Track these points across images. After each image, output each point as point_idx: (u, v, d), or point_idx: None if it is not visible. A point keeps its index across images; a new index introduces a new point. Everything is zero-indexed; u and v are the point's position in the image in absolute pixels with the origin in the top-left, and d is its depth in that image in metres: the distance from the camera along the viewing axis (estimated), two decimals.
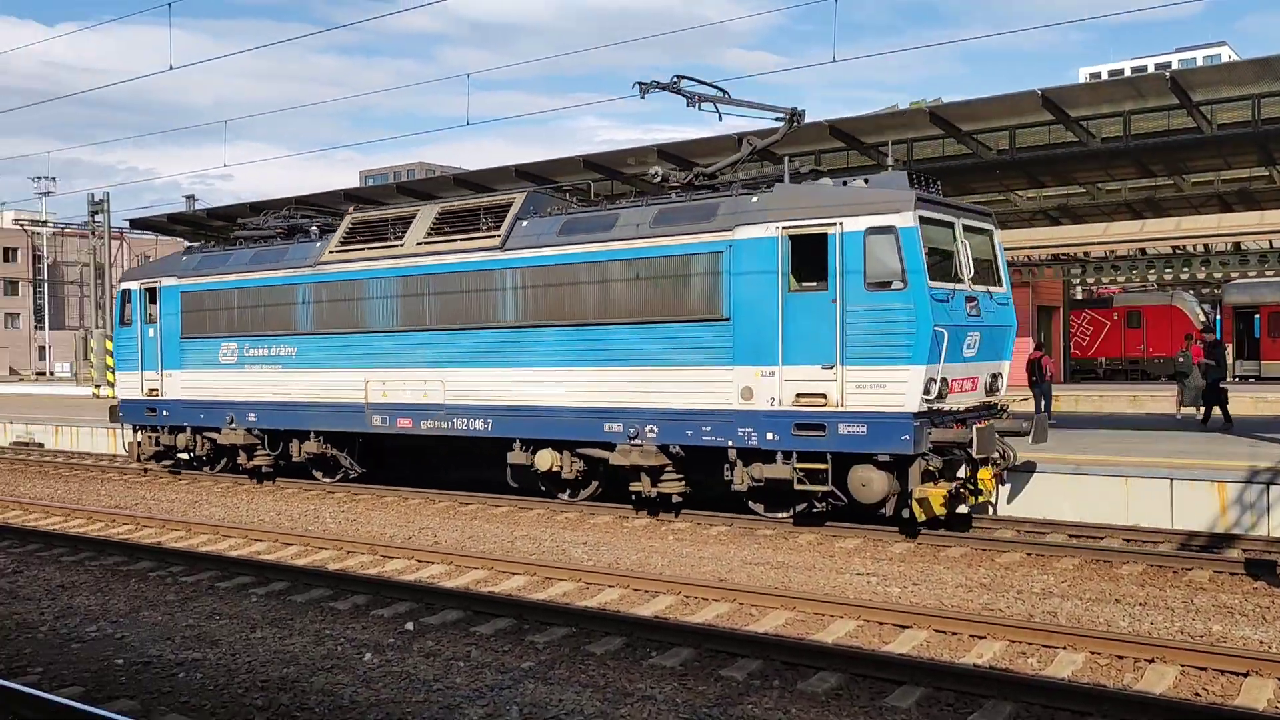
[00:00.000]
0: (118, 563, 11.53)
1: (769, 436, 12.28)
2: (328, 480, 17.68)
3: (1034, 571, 10.38)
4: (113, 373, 19.80)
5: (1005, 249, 14.93)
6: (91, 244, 43.77)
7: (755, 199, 12.66)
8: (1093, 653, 7.62)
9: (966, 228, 12.49)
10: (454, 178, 19.61)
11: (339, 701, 6.87)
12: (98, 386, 38.15)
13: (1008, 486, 13.45)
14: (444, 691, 7.02)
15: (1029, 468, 13.39)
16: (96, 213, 43.94)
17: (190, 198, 40.91)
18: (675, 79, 13.31)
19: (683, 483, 13.48)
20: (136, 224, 25.76)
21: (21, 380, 69.58)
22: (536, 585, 10.17)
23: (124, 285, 19.98)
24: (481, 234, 14.94)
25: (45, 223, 54.98)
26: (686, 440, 12.97)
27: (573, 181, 19.63)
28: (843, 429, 11.75)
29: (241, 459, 18.22)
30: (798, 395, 12.07)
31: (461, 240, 15.12)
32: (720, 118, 13.88)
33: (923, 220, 11.71)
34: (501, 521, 13.95)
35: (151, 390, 19.34)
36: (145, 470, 19.49)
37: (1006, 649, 7.85)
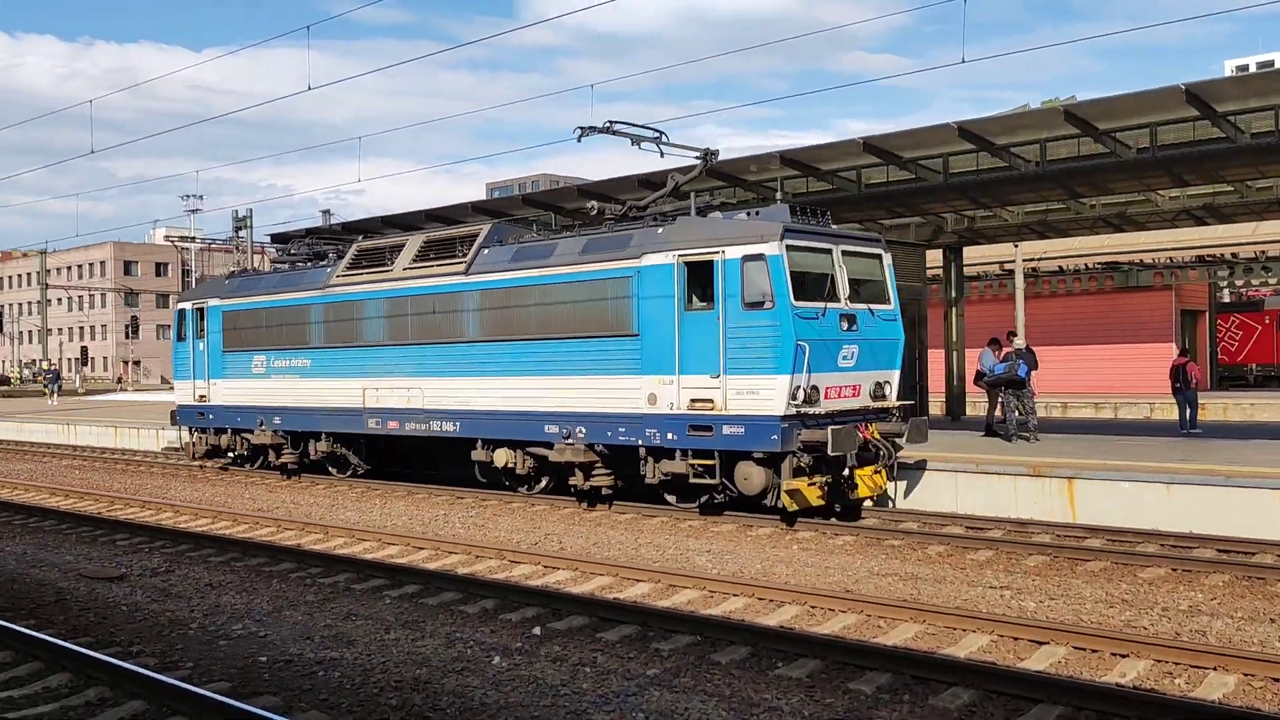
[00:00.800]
0: (261, 563, 11.90)
1: (669, 436, 14.13)
2: (340, 476, 20.19)
3: (1179, 588, 10.05)
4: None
5: (1145, 250, 14.93)
6: (235, 258, 45.89)
7: (660, 231, 14.55)
8: (1245, 674, 7.30)
9: (847, 252, 14.19)
10: (577, 188, 19.86)
11: (469, 704, 6.95)
12: None
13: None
14: (571, 697, 7.06)
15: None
16: (240, 228, 46.04)
17: (326, 212, 42.23)
18: (608, 123, 15.36)
19: (611, 477, 15.34)
20: (277, 239, 26.82)
21: (174, 388, 72.90)
22: (661, 592, 10.13)
23: (180, 305, 22.93)
24: (452, 260, 17.26)
25: (193, 239, 57.74)
26: (607, 439, 14.89)
27: (694, 189, 19.64)
28: (726, 430, 13.52)
29: (271, 457, 20.88)
30: (692, 400, 13.88)
31: (437, 266, 17.45)
32: (662, 155, 15.84)
33: (792, 248, 13.42)
34: (625, 529, 14.05)
35: (201, 397, 22.27)
36: (288, 476, 20.78)
37: (1151, 668, 7.54)
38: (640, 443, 14.59)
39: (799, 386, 13.23)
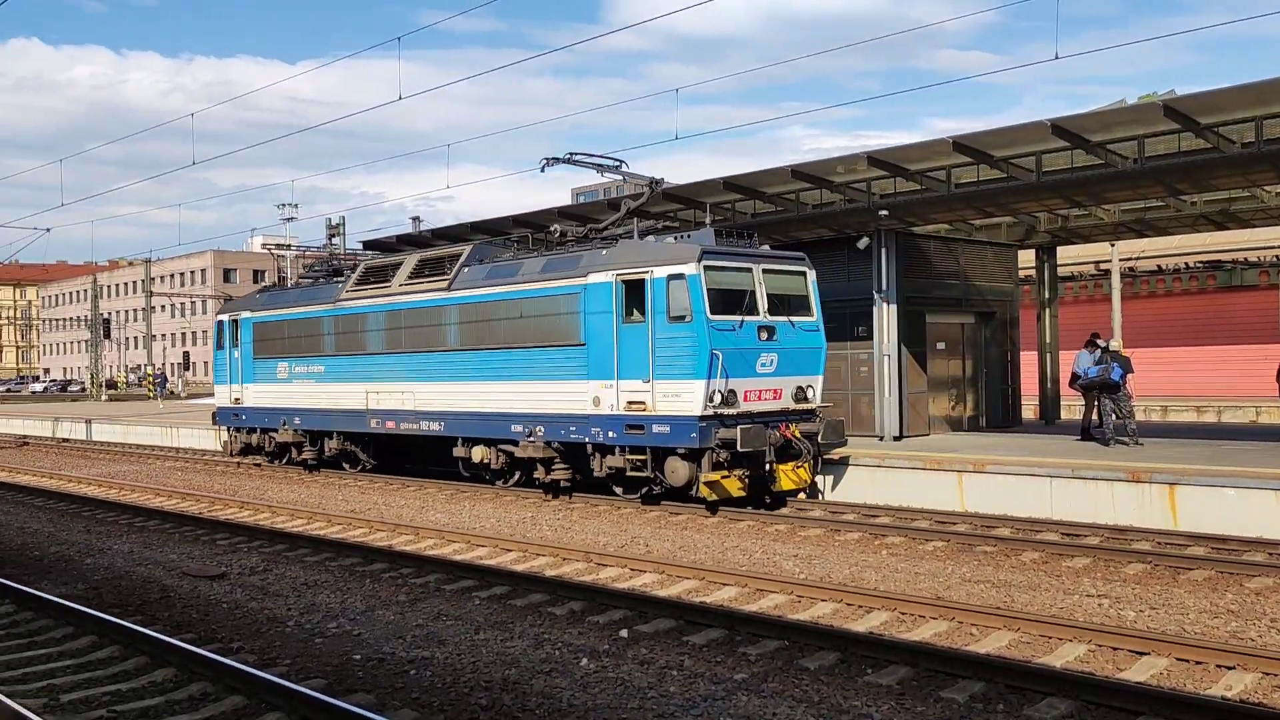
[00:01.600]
0: (354, 563, 12.11)
1: (610, 434, 16.12)
2: (352, 470, 22.44)
3: None
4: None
5: (1250, 248, 14.70)
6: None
7: (604, 253, 16.63)
8: None
9: (768, 270, 16.09)
10: (663, 192, 19.96)
11: (558, 705, 6.99)
12: None
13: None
14: (658, 700, 7.07)
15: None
16: (334, 235, 46.99)
17: (416, 219, 42.91)
18: (569, 154, 17.33)
19: (569, 471, 17.29)
20: (369, 245, 27.39)
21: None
22: (748, 597, 10.10)
23: (219, 318, 25.51)
24: (439, 278, 19.49)
25: (288, 246, 59.12)
26: (561, 437, 16.92)
27: (777, 191, 19.60)
28: (655, 429, 15.45)
29: (294, 453, 23.43)
30: (628, 403, 15.81)
31: (426, 283, 19.76)
32: (625, 179, 17.89)
33: (711, 268, 15.33)
34: (712, 532, 14.06)
35: (236, 400, 24.78)
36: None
37: (1260, 681, 7.32)
38: (587, 440, 16.68)
39: (716, 390, 15.17)
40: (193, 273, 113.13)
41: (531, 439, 17.63)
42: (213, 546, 13.78)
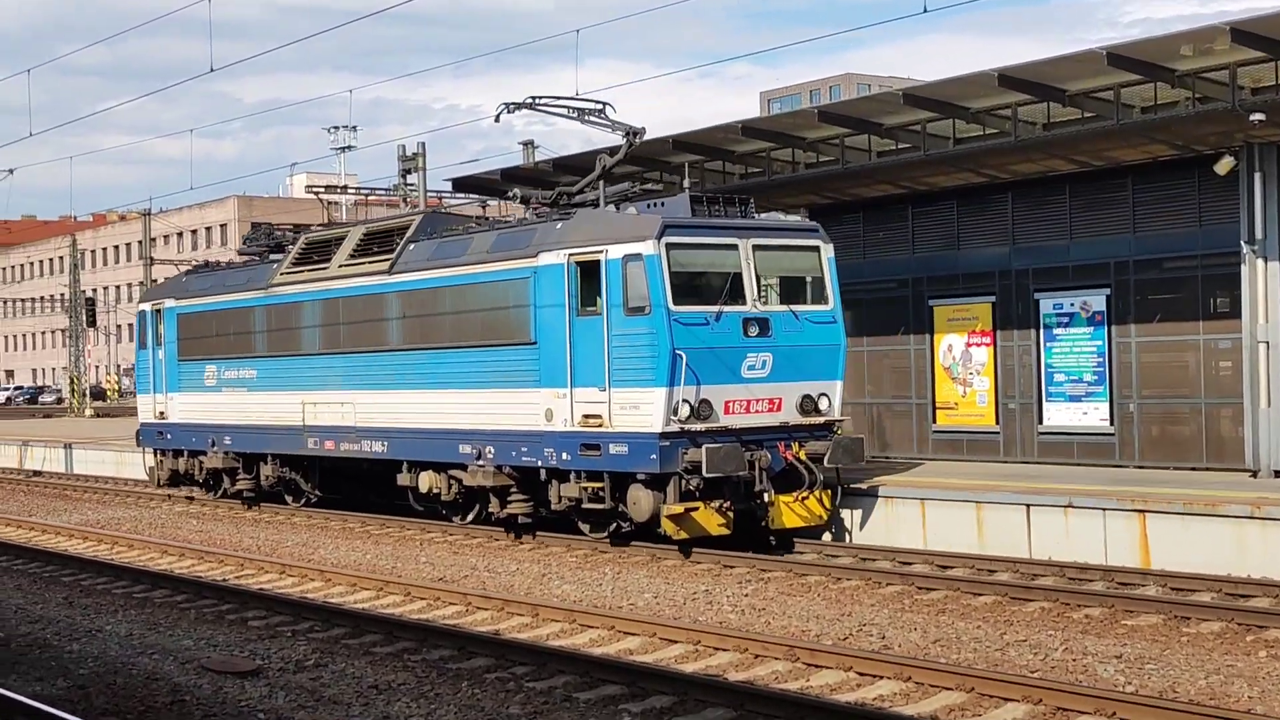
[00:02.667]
0: (444, 657, 12.51)
1: (564, 456, 18.22)
2: (295, 504, 25.24)
3: None
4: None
5: None
6: (403, 213, 47.83)
7: (559, 226, 18.59)
8: None
9: (761, 247, 18.07)
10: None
11: None
12: None
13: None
14: None
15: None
16: (409, 171, 47.26)
17: (528, 144, 42.44)
18: (531, 98, 19.81)
19: (529, 503, 19.38)
20: (460, 184, 27.99)
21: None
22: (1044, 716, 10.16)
23: (140, 306, 28.30)
24: (381, 257, 21.67)
25: (344, 188, 60.26)
26: (512, 460, 19.03)
27: (1084, 88, 19.36)
28: (613, 449, 17.34)
29: (226, 483, 26.09)
30: (584, 416, 17.86)
31: (368, 263, 21.95)
32: (610, 126, 20.06)
33: (677, 245, 17.38)
34: (983, 617, 13.99)
35: (160, 413, 27.26)
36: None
37: None
38: (540, 463, 18.74)
39: (682, 400, 17.07)
40: (209, 229, 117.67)
41: (481, 463, 19.85)
42: (243, 629, 14.29)
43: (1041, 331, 23.08)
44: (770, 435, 18.04)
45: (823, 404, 18.49)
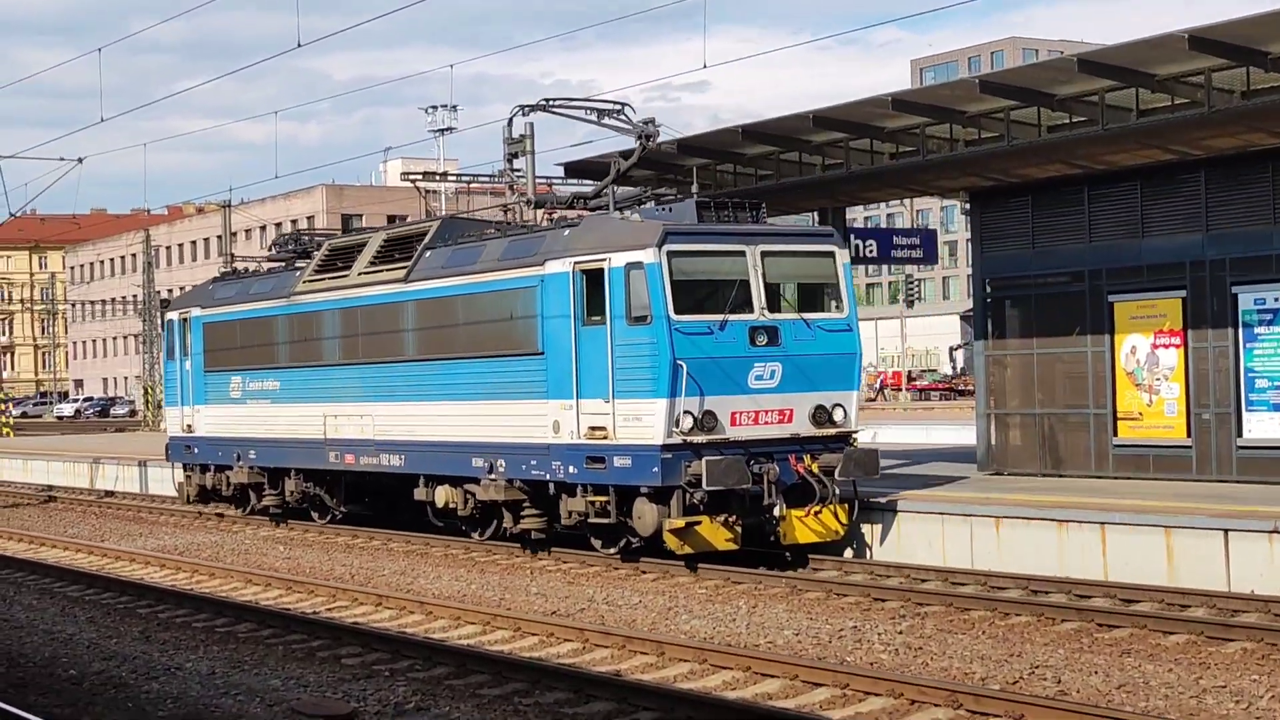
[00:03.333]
0: (559, 701, 12.55)
1: (570, 470, 19.98)
2: (321, 521, 27.23)
3: None
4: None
5: None
6: (510, 202, 48.02)
7: (566, 233, 20.52)
8: None
9: (770, 253, 19.79)
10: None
11: None
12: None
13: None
14: None
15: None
16: (515, 154, 47.90)
17: (647, 123, 42.87)
18: (544, 101, 23.16)
19: (543, 519, 21.11)
20: (573, 169, 28.14)
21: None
22: None
23: (168, 316, 30.30)
24: (398, 265, 23.63)
25: (443, 174, 61.25)
26: (522, 474, 20.82)
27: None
28: (617, 461, 19.12)
29: (253, 499, 28.08)
30: (590, 428, 19.60)
31: (386, 271, 23.85)
32: (631, 126, 22.40)
33: (679, 253, 19.07)
34: (1175, 659, 13.81)
35: (188, 426, 29.31)
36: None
37: None
38: (548, 477, 20.47)
39: (684, 411, 18.77)
40: (295, 221, 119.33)
41: (493, 476, 21.67)
42: (336, 668, 14.43)
43: (1241, 330, 22.54)
44: (780, 447, 19.67)
45: (837, 415, 20.14)
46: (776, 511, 19.36)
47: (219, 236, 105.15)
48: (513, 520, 21.67)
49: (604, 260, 19.58)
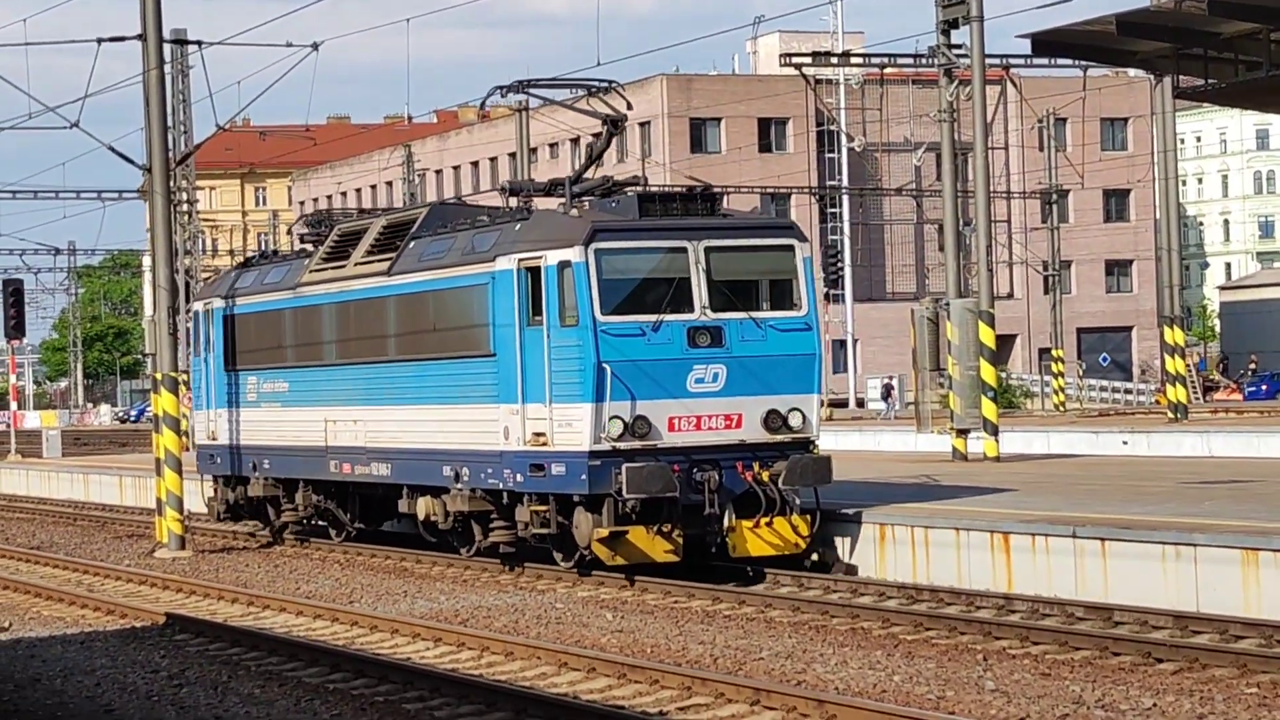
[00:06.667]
0: None
1: (517, 478, 25.84)
2: (338, 540, 33.49)
3: None
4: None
5: None
6: (945, 93, 48.16)
7: (516, 228, 26.53)
8: None
9: (715, 249, 25.63)
10: None
11: None
12: (956, 430, 43.09)
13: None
14: None
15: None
16: (952, 22, 47.79)
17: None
18: (518, 82, 29.34)
19: (511, 532, 27.05)
20: (1044, 44, 27.98)
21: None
22: None
23: (192, 306, 36.37)
24: (384, 256, 29.80)
25: (845, 54, 61.76)
26: (481, 483, 26.77)
27: None
28: (554, 469, 25.04)
29: (271, 514, 34.43)
30: (533, 434, 25.56)
31: (375, 262, 30.01)
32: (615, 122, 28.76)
33: (610, 251, 24.97)
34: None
35: (212, 434, 35.58)
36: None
37: None
38: (501, 486, 26.25)
39: (613, 417, 24.51)
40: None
41: (459, 485, 27.38)
42: None
43: None
44: (728, 454, 25.20)
45: (794, 420, 25.68)
46: (727, 522, 24.78)
47: (511, 154, 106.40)
48: (482, 532, 27.19)
49: (540, 258, 24.99)
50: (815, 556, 26.30)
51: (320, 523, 33.98)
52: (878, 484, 35.77)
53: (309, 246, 34.93)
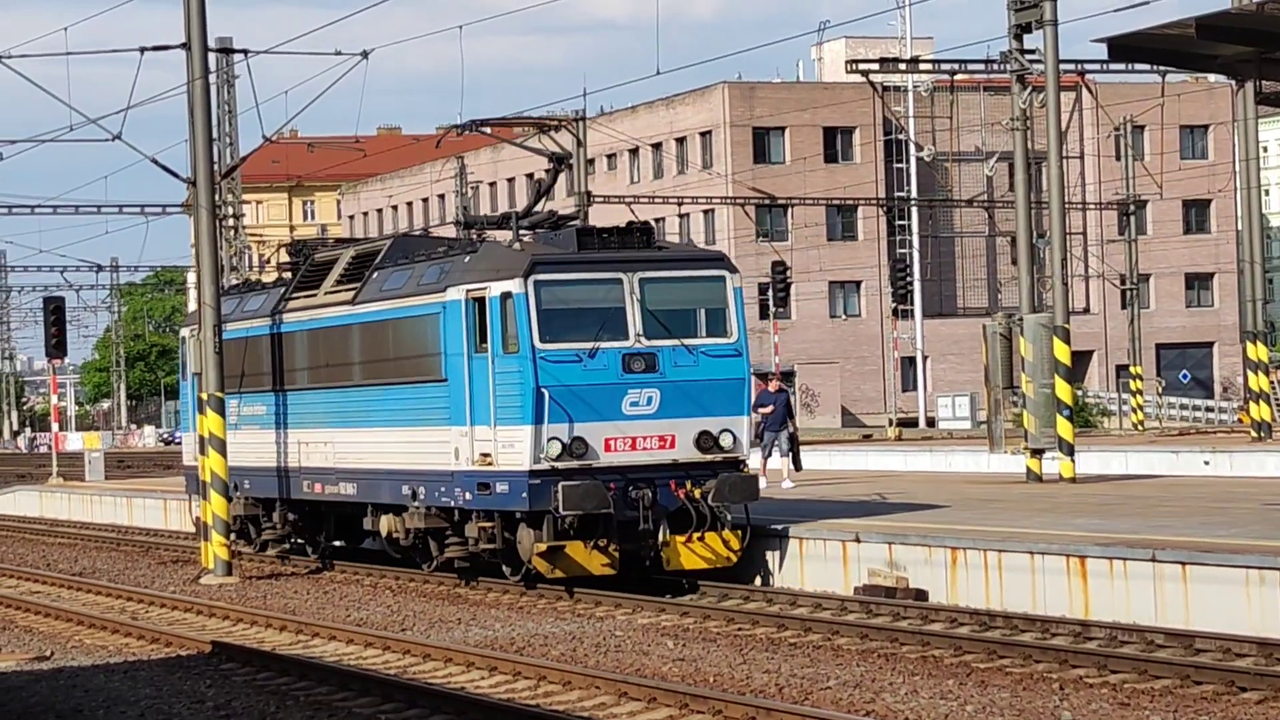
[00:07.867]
0: None
1: (466, 496, 29.43)
2: (314, 557, 37.76)
3: None
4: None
5: None
6: (1017, 100, 48.08)
7: (465, 260, 30.04)
8: None
9: (649, 280, 29.09)
10: None
11: None
12: (1030, 450, 43.03)
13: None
14: None
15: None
16: (1025, 27, 48.03)
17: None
18: (470, 122, 35.49)
19: (464, 547, 30.38)
20: (1120, 49, 27.91)
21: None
22: None
23: (181, 331, 39.77)
24: (349, 286, 33.20)
25: (913, 60, 62.06)
26: (435, 500, 30.30)
27: None
28: (499, 487, 28.74)
29: (253, 534, 38.06)
30: (481, 455, 29.18)
31: (341, 291, 33.55)
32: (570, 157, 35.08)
33: (549, 282, 28.70)
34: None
35: (196, 455, 37.18)
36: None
37: None
38: (453, 503, 29.66)
39: (552, 438, 27.88)
40: (682, 139, 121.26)
41: (416, 503, 31.11)
42: None
43: None
44: (662, 473, 28.61)
45: (725, 440, 29.09)
46: (660, 537, 28.08)
47: (566, 160, 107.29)
48: (438, 549, 30.97)
49: (485, 289, 28.50)
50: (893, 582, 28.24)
51: (299, 540, 38.18)
52: (944, 507, 36.80)
53: (288, 275, 38.96)
